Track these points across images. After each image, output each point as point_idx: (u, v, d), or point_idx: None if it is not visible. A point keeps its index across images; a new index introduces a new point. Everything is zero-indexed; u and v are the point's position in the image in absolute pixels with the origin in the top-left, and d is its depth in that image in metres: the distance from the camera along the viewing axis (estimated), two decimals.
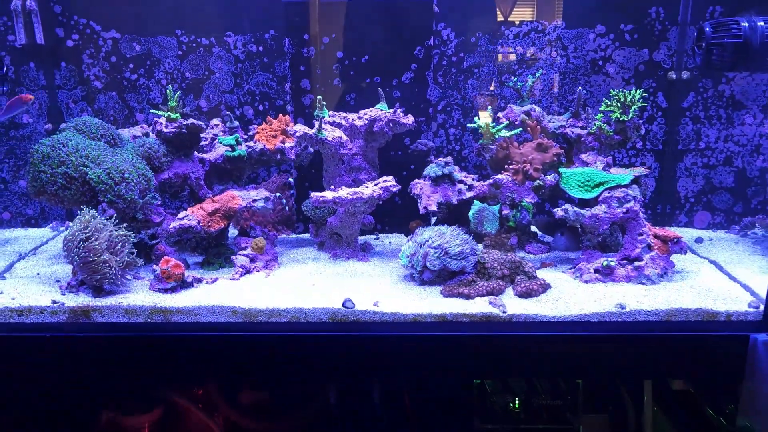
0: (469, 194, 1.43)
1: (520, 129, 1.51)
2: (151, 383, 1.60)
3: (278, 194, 1.46)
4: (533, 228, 1.65)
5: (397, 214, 1.71)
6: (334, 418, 1.64)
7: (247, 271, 1.41)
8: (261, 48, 1.71)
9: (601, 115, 1.53)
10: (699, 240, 1.65)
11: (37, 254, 1.58)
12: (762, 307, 1.27)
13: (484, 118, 1.63)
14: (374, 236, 1.70)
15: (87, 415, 1.73)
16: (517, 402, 1.61)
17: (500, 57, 1.74)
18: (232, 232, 1.60)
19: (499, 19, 1.74)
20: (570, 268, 1.44)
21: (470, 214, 1.57)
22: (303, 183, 1.70)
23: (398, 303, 1.29)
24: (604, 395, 1.72)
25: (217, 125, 1.58)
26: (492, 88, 1.74)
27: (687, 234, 1.70)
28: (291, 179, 1.68)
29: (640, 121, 1.51)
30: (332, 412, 1.57)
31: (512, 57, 1.72)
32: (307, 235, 1.70)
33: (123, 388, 1.69)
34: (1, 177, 1.74)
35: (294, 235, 1.72)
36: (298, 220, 1.72)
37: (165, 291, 1.33)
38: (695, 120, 1.69)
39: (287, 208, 1.56)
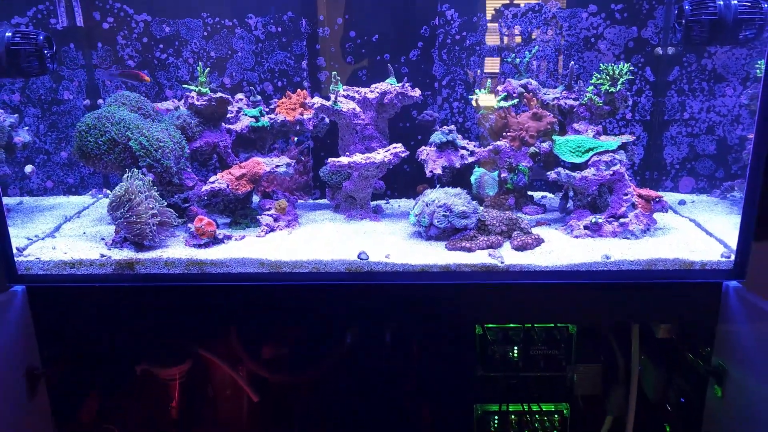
0: (470, 159, 1.56)
1: (518, 100, 1.63)
2: (187, 329, 1.75)
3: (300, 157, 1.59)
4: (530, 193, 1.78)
5: (406, 181, 1.84)
6: (350, 359, 1.78)
7: (272, 229, 1.54)
8: (279, 29, 1.83)
9: (592, 87, 1.64)
10: (682, 202, 1.78)
11: (81, 217, 1.72)
12: (733, 257, 1.40)
13: (484, 99, 1.74)
14: (384, 201, 1.83)
15: (130, 358, 1.89)
16: (515, 351, 1.74)
17: (506, 39, 1.85)
18: (255, 199, 1.73)
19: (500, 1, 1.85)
20: (562, 226, 1.57)
21: (472, 179, 1.70)
22: (319, 153, 1.83)
23: (407, 255, 1.43)
24: (596, 347, 1.85)
25: (241, 99, 1.70)
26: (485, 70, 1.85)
27: (672, 197, 1.83)
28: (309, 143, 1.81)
29: (628, 93, 1.63)
30: (348, 353, 1.71)
31: (515, 39, 1.84)
32: (323, 201, 1.83)
33: (162, 333, 1.84)
34: (45, 149, 1.88)
35: (311, 201, 1.85)
36: (315, 187, 1.85)
37: (199, 246, 1.47)
38: (680, 92, 1.80)
39: (309, 160, 1.68)
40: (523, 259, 1.41)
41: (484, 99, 1.71)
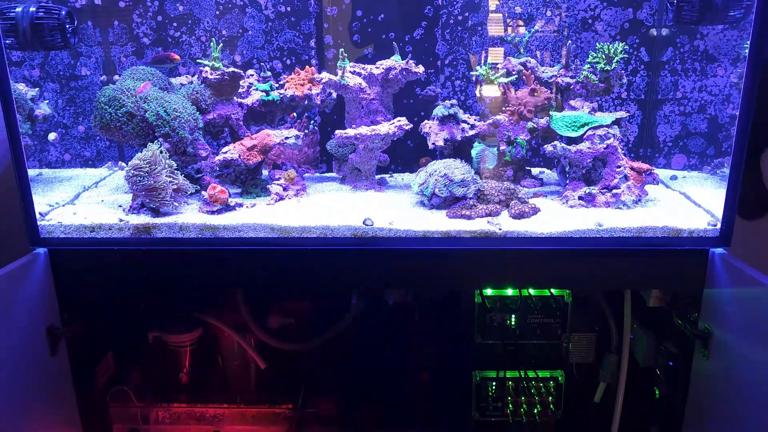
0: (471, 132, 1.62)
1: (516, 76, 1.69)
2: (199, 292, 1.82)
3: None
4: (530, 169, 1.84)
5: (409, 156, 1.90)
6: (354, 323, 1.86)
7: (281, 198, 1.61)
8: (288, 8, 1.89)
9: (588, 66, 1.70)
10: (673, 177, 1.84)
11: (98, 187, 1.79)
12: (719, 226, 1.47)
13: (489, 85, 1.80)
14: (389, 174, 1.89)
15: (145, 321, 1.96)
16: (513, 320, 1.81)
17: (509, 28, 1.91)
18: (265, 173, 1.80)
19: None
20: (558, 197, 1.64)
21: (473, 153, 1.76)
22: (326, 128, 1.90)
23: (410, 222, 1.49)
24: (590, 317, 1.92)
25: (252, 75, 1.77)
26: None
27: (664, 173, 1.89)
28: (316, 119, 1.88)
29: (623, 71, 1.69)
30: (352, 317, 1.79)
31: (517, 23, 1.90)
32: (330, 174, 1.90)
33: (176, 296, 1.91)
34: (63, 123, 1.95)
35: (318, 174, 1.92)
36: (322, 161, 1.92)
37: (212, 213, 1.54)
38: (673, 72, 1.87)
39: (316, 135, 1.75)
40: (520, 227, 1.48)
41: (486, 89, 1.77)
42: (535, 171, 1.93)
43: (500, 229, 1.47)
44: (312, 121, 1.88)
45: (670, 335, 1.67)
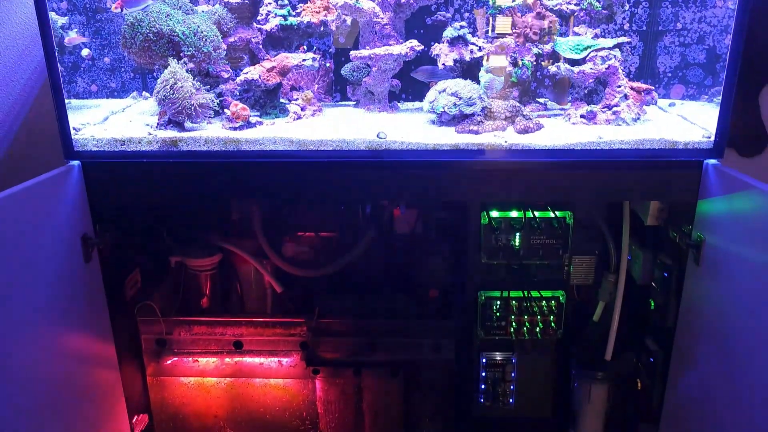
0: (479, 53, 1.69)
1: (522, 1, 1.75)
2: (221, 202, 1.91)
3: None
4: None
5: (420, 86, 1.96)
6: (367, 228, 1.94)
7: (299, 117, 1.69)
8: None
9: None
10: (672, 104, 1.91)
11: (125, 112, 1.87)
12: (713, 138, 1.54)
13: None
14: (400, 101, 1.97)
15: (171, 235, 2.06)
16: (518, 240, 1.89)
17: None
18: (283, 101, 1.87)
19: None
20: (560, 116, 1.71)
21: (481, 82, 1.83)
22: (340, 58, 1.96)
23: (421, 137, 1.57)
24: (590, 240, 2.00)
25: (270, 3, 1.83)
26: None
27: (663, 102, 1.96)
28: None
29: None
30: (365, 222, 1.88)
31: None
32: (344, 103, 1.97)
33: (200, 208, 2.00)
34: (91, 52, 2.02)
35: (332, 102, 2.00)
36: (336, 91, 1.99)
37: (234, 129, 1.61)
38: (674, 3, 1.92)
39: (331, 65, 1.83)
40: (525, 140, 1.55)
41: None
42: (540, 101, 2.00)
43: (506, 142, 1.54)
44: (326, 54, 1.95)
45: (665, 250, 1.75)
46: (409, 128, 1.64)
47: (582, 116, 1.64)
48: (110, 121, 1.77)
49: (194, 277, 2.10)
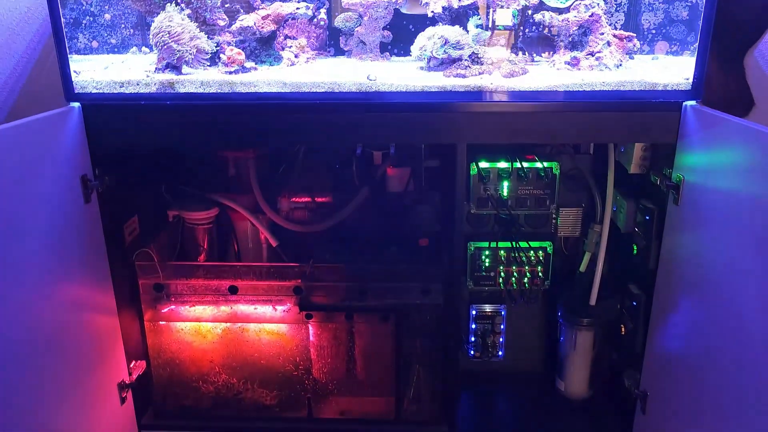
0: (467, 1, 1.73)
1: None
2: (216, 146, 1.95)
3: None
4: None
5: (410, 38, 2.01)
6: (358, 167, 1.98)
7: (292, 64, 1.73)
8: None
9: None
10: (655, 58, 1.95)
11: (124, 64, 1.91)
12: (691, 80, 1.58)
13: None
14: (391, 53, 2.01)
15: (167, 201, 2.10)
16: (506, 190, 1.94)
17: None
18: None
19: None
20: (545, 64, 1.76)
21: (470, 35, 1.87)
22: (333, 13, 2.00)
23: (410, 80, 1.61)
24: (577, 192, 2.04)
25: None
26: None
27: (646, 57, 2.00)
28: None
29: None
30: (357, 162, 1.93)
31: None
32: (336, 57, 2.01)
33: (195, 150, 2.04)
34: (90, 11, 2.06)
35: (325, 56, 2.04)
36: (329, 46, 2.03)
37: (230, 73, 1.66)
38: None
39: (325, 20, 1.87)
40: (511, 83, 1.59)
41: None
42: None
43: (492, 84, 1.58)
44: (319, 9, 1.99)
45: (648, 196, 1.79)
46: (400, 73, 1.68)
47: (566, 63, 1.68)
48: (110, 68, 1.81)
49: (191, 230, 2.14)
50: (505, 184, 1.92)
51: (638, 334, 1.81)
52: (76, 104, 1.63)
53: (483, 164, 1.91)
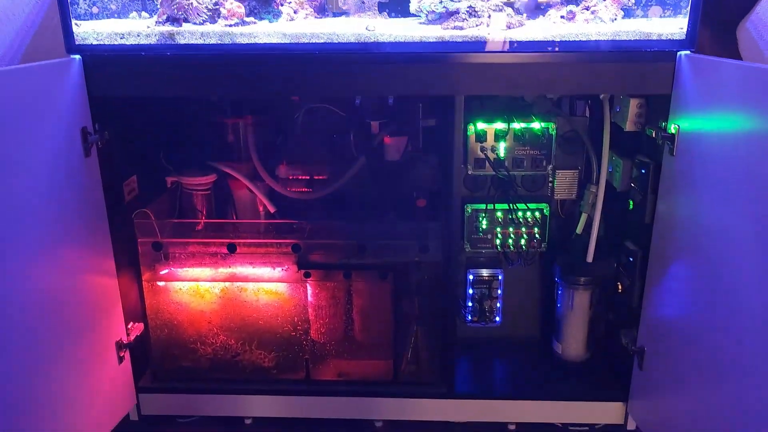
0: None
1: None
2: (216, 99, 1.95)
3: None
4: None
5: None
6: (358, 117, 1.99)
7: (291, 20, 1.75)
8: None
9: None
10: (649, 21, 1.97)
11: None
12: (686, 28, 1.60)
13: None
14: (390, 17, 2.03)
15: (168, 138, 2.09)
16: (503, 151, 1.95)
17: None
18: None
19: None
20: (542, 17, 1.78)
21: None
22: None
23: (408, 32, 1.62)
24: (574, 153, 2.05)
25: None
26: None
27: (642, 21, 2.02)
28: None
29: None
30: (357, 112, 1.93)
31: None
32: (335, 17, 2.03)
33: (196, 97, 2.03)
34: None
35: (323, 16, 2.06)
36: (327, 11, 2.04)
37: (230, 26, 1.67)
38: None
39: None
40: (508, 35, 1.61)
41: None
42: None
43: (489, 34, 1.60)
44: None
45: (643, 151, 1.80)
46: (399, 26, 1.69)
47: (562, 17, 1.69)
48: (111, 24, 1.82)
49: (189, 196, 2.14)
50: (502, 144, 1.93)
51: (635, 291, 1.81)
52: (77, 56, 1.63)
53: (480, 125, 1.92)
